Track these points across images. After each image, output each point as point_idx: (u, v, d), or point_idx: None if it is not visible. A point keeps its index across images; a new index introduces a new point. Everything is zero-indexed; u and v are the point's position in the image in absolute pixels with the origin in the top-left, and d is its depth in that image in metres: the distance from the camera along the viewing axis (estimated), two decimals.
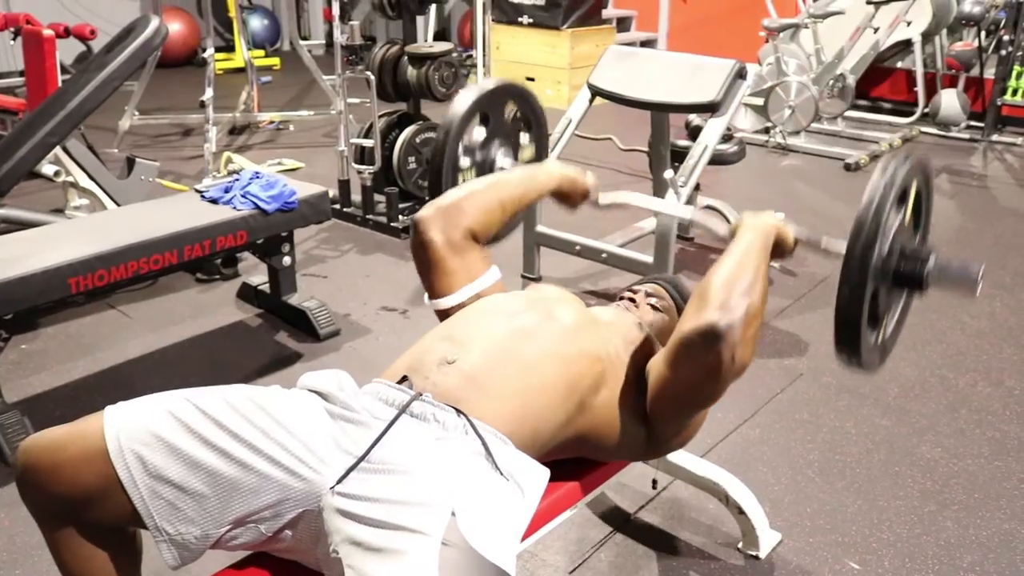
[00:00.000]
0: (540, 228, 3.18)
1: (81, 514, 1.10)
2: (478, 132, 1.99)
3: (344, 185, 3.91)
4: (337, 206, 3.87)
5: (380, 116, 3.75)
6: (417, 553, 0.99)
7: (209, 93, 4.38)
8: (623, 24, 7.43)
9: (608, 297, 3.14)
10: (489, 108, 2.03)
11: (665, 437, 1.41)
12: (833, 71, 5.13)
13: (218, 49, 5.22)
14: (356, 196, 3.88)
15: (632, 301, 1.60)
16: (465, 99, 1.93)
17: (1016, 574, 1.84)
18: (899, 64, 5.96)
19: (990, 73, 5.39)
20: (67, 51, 4.48)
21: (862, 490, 2.11)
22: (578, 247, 3.05)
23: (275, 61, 7.58)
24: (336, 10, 3.71)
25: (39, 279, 2.11)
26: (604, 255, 2.99)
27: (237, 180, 2.66)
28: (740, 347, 1.20)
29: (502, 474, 1.14)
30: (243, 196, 2.58)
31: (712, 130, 2.82)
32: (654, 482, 1.94)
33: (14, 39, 4.00)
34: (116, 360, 2.68)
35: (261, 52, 7.54)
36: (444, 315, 1.49)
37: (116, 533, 1.15)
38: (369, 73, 3.68)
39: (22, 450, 1.09)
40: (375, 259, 3.54)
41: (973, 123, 5.45)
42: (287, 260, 2.85)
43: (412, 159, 3.76)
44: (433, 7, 4.17)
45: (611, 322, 1.48)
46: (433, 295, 1.51)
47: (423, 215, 1.49)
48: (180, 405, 1.11)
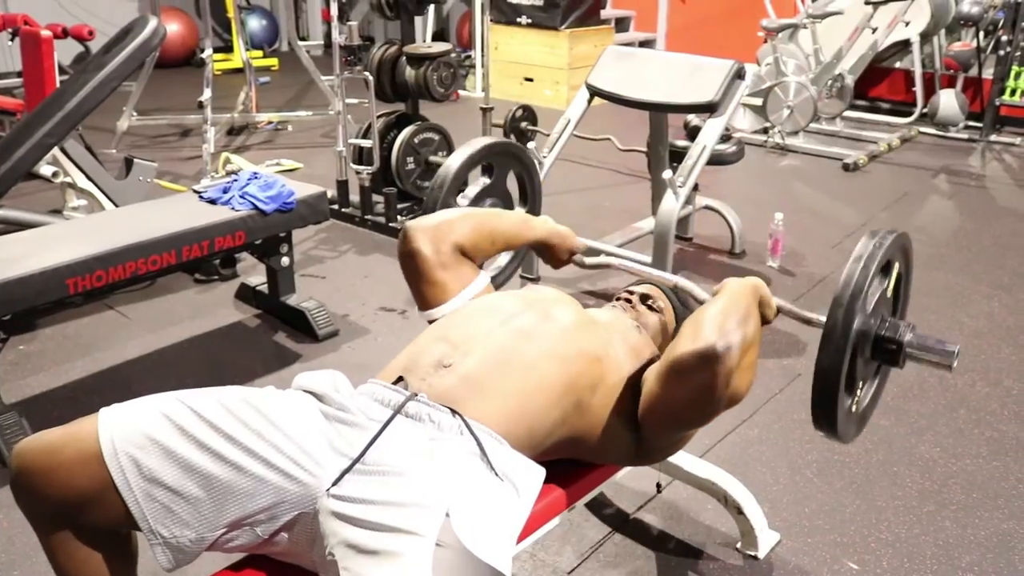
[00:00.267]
0: None
1: (76, 517, 1.09)
2: (472, 188, 2.06)
3: (342, 185, 3.90)
4: (335, 206, 3.87)
5: (378, 116, 3.74)
6: (412, 554, 0.99)
7: (207, 94, 4.38)
8: (622, 24, 7.43)
9: (606, 297, 3.13)
10: (489, 162, 2.09)
11: (654, 447, 1.41)
12: (832, 71, 5.14)
13: (216, 50, 5.23)
14: (354, 196, 3.87)
15: (628, 302, 1.60)
16: (463, 152, 2.01)
17: (1014, 574, 1.84)
18: (897, 64, 5.97)
19: (988, 73, 5.40)
20: (65, 52, 4.48)
21: (860, 490, 2.11)
22: None
23: (273, 62, 7.58)
24: (334, 10, 3.71)
25: (37, 280, 2.10)
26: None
27: (235, 180, 2.65)
28: (736, 373, 1.20)
29: (497, 475, 1.14)
30: (241, 196, 2.57)
31: (711, 130, 2.82)
32: (658, 485, 1.93)
33: (12, 40, 4.01)
34: (114, 361, 2.68)
35: (259, 53, 7.56)
36: None
37: (111, 536, 1.15)
38: (367, 73, 3.67)
39: (16, 453, 1.09)
40: (373, 259, 3.54)
41: (971, 123, 5.45)
42: (285, 260, 2.85)
43: (410, 159, 3.76)
44: (431, 7, 4.18)
45: (609, 323, 1.48)
46: (423, 306, 1.51)
47: (413, 225, 1.50)
48: (174, 407, 1.11)
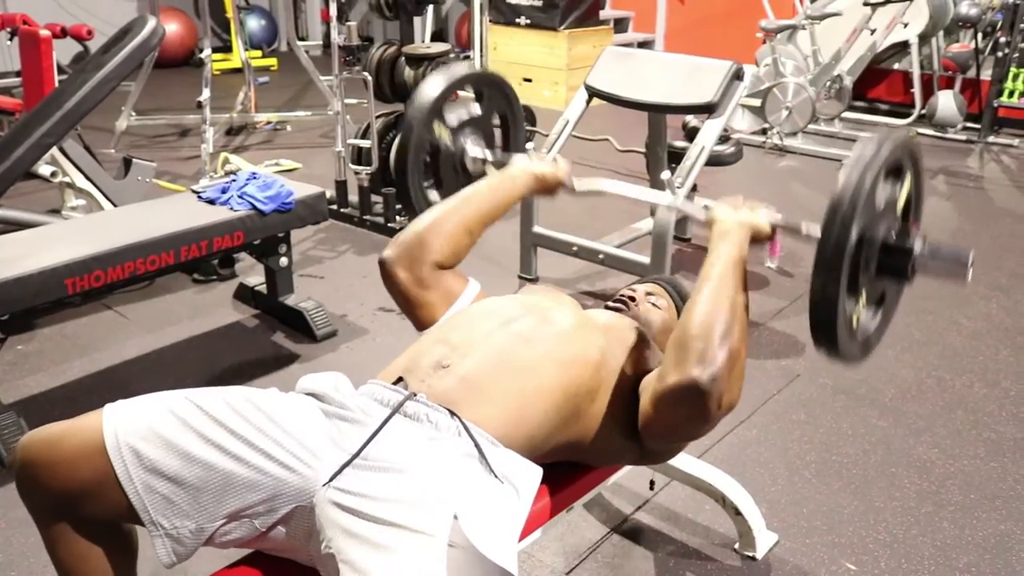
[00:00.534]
0: (537, 229, 3.18)
1: (78, 509, 1.11)
2: (451, 119, 1.94)
3: (341, 186, 3.90)
4: (334, 207, 3.87)
5: (377, 117, 3.74)
6: (423, 553, 1.00)
7: (206, 93, 4.38)
8: (620, 25, 7.43)
9: (605, 298, 3.14)
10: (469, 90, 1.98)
11: (654, 453, 1.43)
12: (830, 72, 5.14)
13: (215, 50, 5.22)
14: (353, 197, 3.87)
15: (632, 300, 1.59)
16: (437, 81, 1.87)
17: (1012, 575, 1.84)
18: (896, 65, 5.98)
19: (987, 75, 5.40)
20: (64, 51, 4.47)
21: (859, 491, 2.11)
22: (575, 248, 3.05)
23: (272, 62, 7.58)
24: (333, 11, 3.71)
25: (35, 280, 2.10)
26: (601, 256, 3.00)
27: (234, 180, 2.65)
28: (726, 393, 1.20)
29: (496, 476, 1.15)
30: (240, 197, 2.57)
31: (709, 131, 2.82)
32: (651, 483, 1.95)
33: (11, 39, 4.00)
34: (113, 361, 2.67)
35: (258, 53, 7.55)
36: None
37: (112, 529, 1.16)
38: (366, 74, 3.67)
39: (21, 445, 1.11)
40: (372, 260, 3.52)
41: (969, 124, 5.46)
42: (284, 261, 2.85)
43: None
44: (430, 8, 4.17)
45: (609, 325, 1.48)
46: (419, 327, 1.51)
47: (387, 257, 1.49)
48: (179, 403, 1.13)
